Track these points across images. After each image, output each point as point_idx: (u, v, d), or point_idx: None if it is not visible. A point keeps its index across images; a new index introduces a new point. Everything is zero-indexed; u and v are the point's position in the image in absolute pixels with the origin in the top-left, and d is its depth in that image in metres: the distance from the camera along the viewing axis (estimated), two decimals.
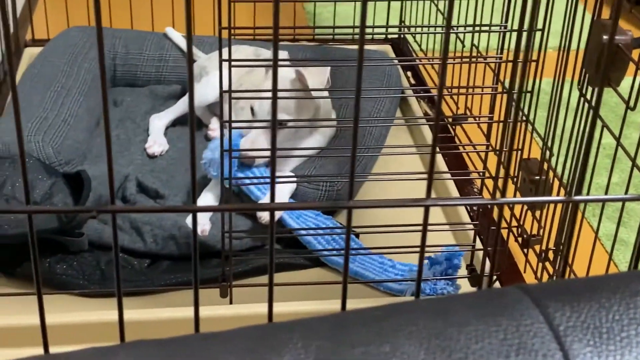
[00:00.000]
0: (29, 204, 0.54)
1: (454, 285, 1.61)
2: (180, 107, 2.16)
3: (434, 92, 2.12)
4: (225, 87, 1.40)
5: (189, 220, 1.73)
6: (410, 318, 0.44)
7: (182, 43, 2.34)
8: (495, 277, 1.64)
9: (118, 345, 0.43)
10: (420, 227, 0.72)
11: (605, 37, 1.30)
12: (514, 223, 1.69)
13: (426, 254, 1.60)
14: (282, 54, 1.80)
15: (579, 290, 0.46)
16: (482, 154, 1.68)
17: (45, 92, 2.01)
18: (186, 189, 1.89)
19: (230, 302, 1.57)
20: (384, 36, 2.61)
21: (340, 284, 0.74)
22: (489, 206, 1.69)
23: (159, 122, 2.11)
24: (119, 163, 1.93)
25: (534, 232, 1.64)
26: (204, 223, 1.72)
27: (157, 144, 2.04)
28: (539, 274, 1.59)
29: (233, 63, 1.38)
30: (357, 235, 1.76)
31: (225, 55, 1.39)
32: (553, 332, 0.43)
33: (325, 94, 1.96)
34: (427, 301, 0.47)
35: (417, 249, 0.73)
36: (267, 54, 2.14)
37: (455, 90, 1.97)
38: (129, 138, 2.08)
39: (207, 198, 1.79)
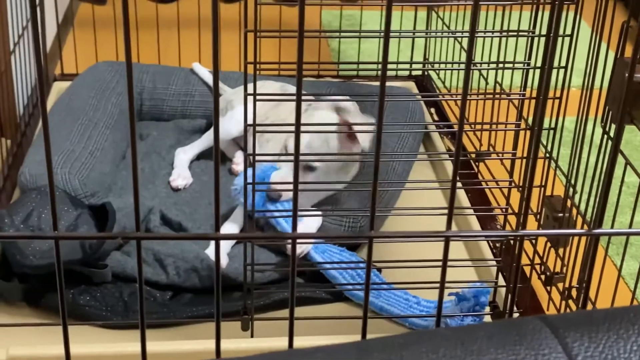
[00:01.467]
0: (56, 230, 0.55)
1: (481, 322, 1.60)
2: (205, 141, 2.18)
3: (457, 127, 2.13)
4: (250, 120, 1.41)
5: (208, 251, 1.74)
6: (430, 346, 0.45)
7: (209, 78, 2.37)
8: (517, 315, 1.63)
9: None
10: (441, 262, 0.72)
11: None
12: (537, 260, 1.68)
13: (453, 290, 1.59)
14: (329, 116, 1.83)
15: (598, 321, 0.46)
16: (505, 191, 1.68)
17: (72, 125, 2.04)
18: (209, 222, 1.90)
19: (252, 336, 1.57)
20: (407, 73, 2.63)
21: (362, 318, 0.75)
22: (512, 242, 1.68)
23: (184, 155, 2.14)
24: (143, 196, 1.95)
25: (557, 270, 1.63)
26: (222, 257, 1.73)
27: (181, 177, 2.06)
28: (562, 312, 1.58)
29: (258, 97, 1.39)
30: (379, 270, 1.76)
31: (250, 90, 1.40)
32: None
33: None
34: (448, 330, 0.47)
35: (438, 284, 0.73)
36: (294, 90, 2.16)
37: (478, 127, 1.98)
38: (154, 171, 2.10)
39: (229, 229, 1.79)
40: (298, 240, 1.69)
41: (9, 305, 1.68)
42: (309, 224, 1.77)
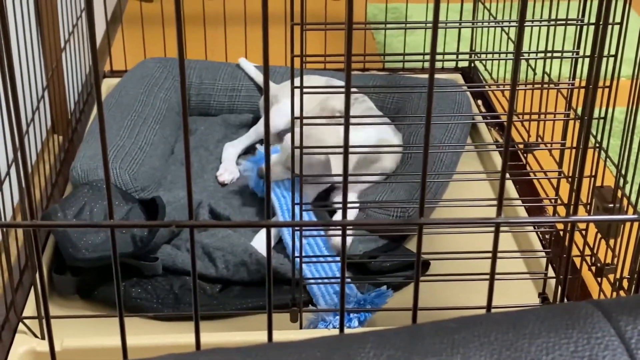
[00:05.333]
0: (112, 219, 0.57)
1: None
2: (252, 135, 2.19)
3: (505, 119, 2.11)
4: (297, 114, 1.42)
5: (254, 242, 1.75)
6: (482, 330, 0.45)
7: (255, 73, 2.38)
8: None
9: (197, 352, 0.44)
10: (491, 252, 0.72)
11: None
12: (587, 252, 1.67)
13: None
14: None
15: None
16: (554, 182, 1.67)
17: (122, 121, 2.07)
18: (256, 216, 1.91)
19: (300, 327, 1.58)
20: (454, 64, 2.62)
21: (408, 310, 0.75)
22: (561, 233, 1.67)
23: (231, 150, 2.15)
24: (192, 190, 1.97)
25: (608, 261, 1.61)
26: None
27: (227, 172, 2.08)
28: None
29: (305, 90, 1.40)
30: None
31: (297, 83, 1.41)
32: (624, 345, 0.43)
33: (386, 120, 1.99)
34: (500, 314, 0.47)
35: (488, 275, 0.73)
36: (339, 84, 2.16)
37: (526, 117, 1.96)
38: (202, 166, 2.12)
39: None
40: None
41: (63, 297, 1.71)
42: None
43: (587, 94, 1.33)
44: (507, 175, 1.95)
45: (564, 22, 1.56)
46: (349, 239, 1.74)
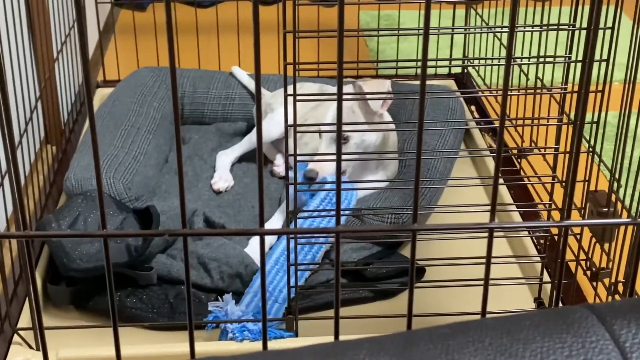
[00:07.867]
0: (105, 228, 0.56)
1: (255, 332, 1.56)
2: (246, 143, 2.19)
3: (498, 124, 2.11)
4: (290, 121, 1.42)
5: (248, 249, 1.75)
6: (476, 335, 0.45)
7: (248, 81, 2.38)
8: None
9: None
10: (484, 260, 0.72)
11: None
12: (582, 256, 1.67)
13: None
14: (347, 88, 1.83)
15: None
16: (548, 186, 1.67)
17: (116, 131, 2.07)
18: (252, 223, 1.91)
19: (296, 335, 1.58)
20: (447, 71, 2.62)
21: (403, 317, 0.75)
22: (556, 238, 1.67)
23: (225, 158, 2.15)
24: (187, 198, 1.96)
25: (603, 265, 1.61)
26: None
27: (222, 179, 2.08)
28: None
29: (298, 98, 1.40)
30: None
31: (290, 91, 1.41)
32: (619, 349, 0.43)
33: (392, 126, 1.98)
34: (494, 319, 0.47)
35: (482, 280, 0.73)
36: (332, 90, 2.16)
37: (520, 122, 1.97)
38: (197, 174, 2.12)
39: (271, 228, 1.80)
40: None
41: (58, 308, 1.71)
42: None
43: (580, 99, 1.34)
44: (501, 181, 1.96)
45: (555, 27, 1.56)
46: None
